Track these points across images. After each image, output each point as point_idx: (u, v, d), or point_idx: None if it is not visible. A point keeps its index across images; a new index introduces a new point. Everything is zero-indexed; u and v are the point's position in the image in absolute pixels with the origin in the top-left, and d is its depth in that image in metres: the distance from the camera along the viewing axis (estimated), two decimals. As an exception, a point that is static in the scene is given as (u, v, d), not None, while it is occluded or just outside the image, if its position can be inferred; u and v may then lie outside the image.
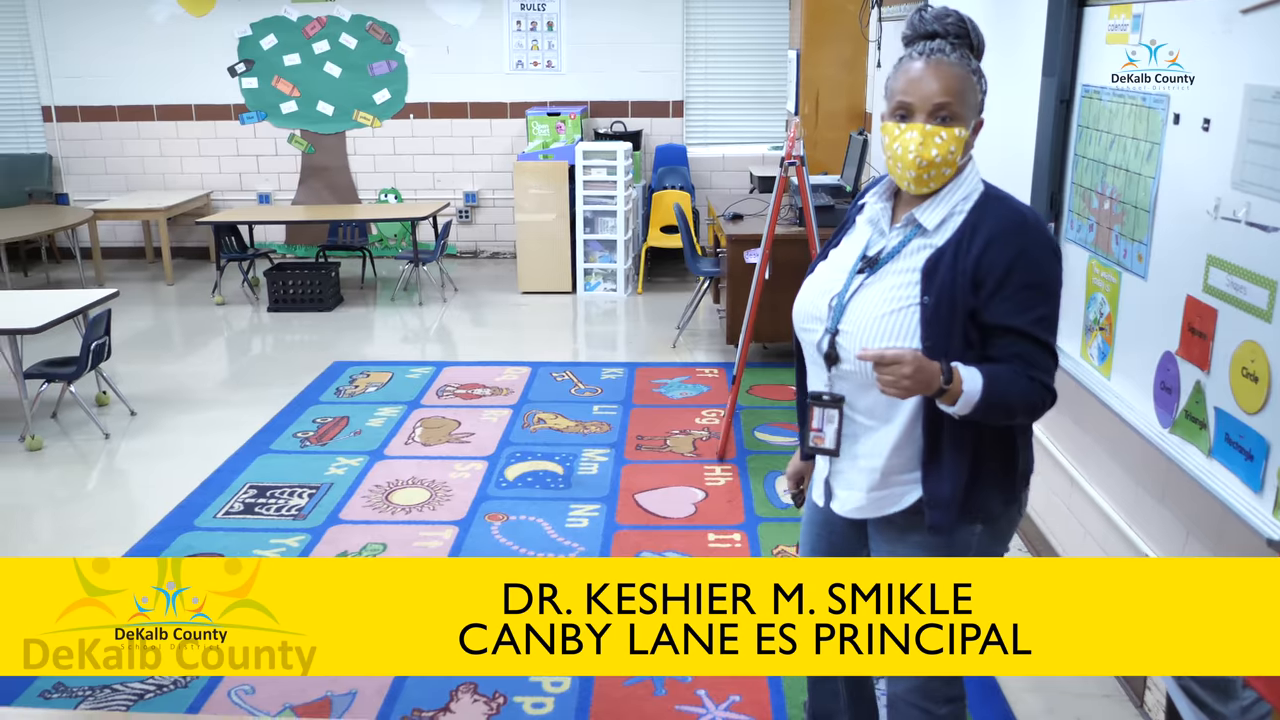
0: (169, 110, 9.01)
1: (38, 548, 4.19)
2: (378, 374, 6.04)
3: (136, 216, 8.54)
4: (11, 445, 5.08)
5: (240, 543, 4.04)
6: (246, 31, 8.81)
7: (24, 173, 9.04)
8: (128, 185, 9.15)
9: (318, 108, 8.92)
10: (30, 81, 9.05)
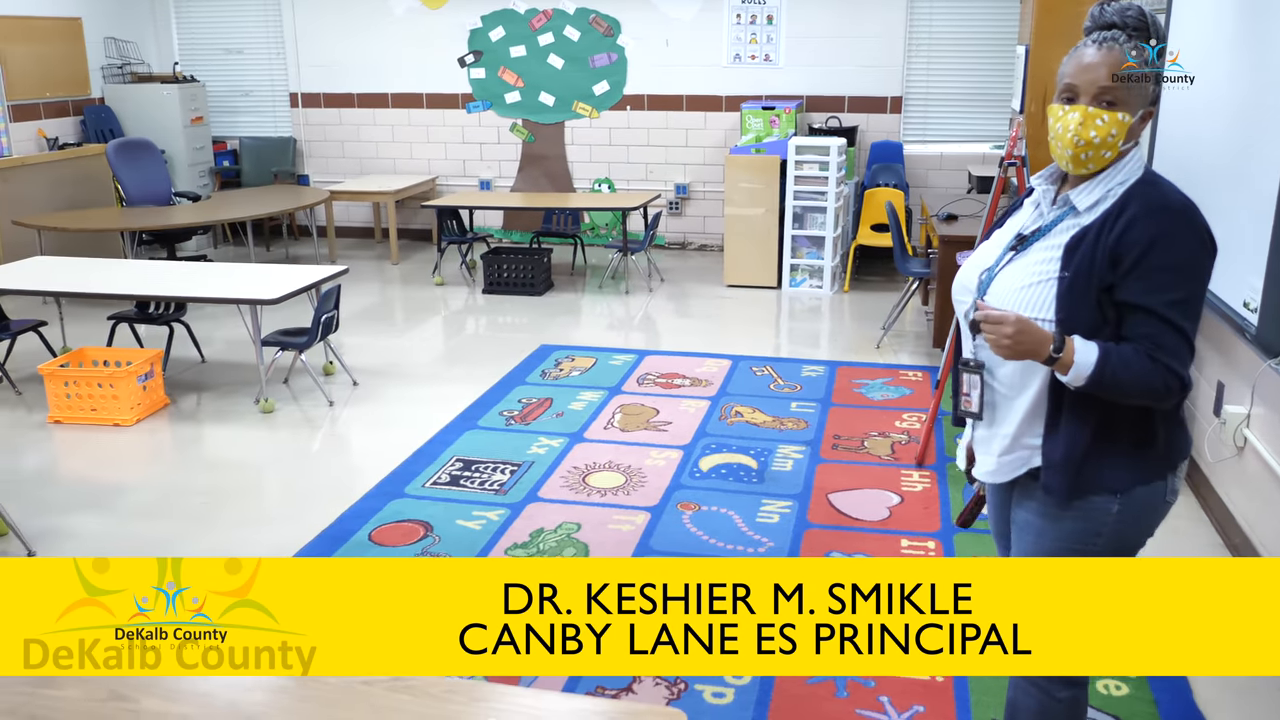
0: (402, 98, 9.50)
1: (267, 502, 4.51)
2: (582, 359, 6.19)
3: (368, 198, 9.06)
4: (248, 406, 5.50)
5: (444, 512, 4.24)
6: (477, 24, 9.19)
7: (272, 155, 9.75)
8: (362, 169, 9.72)
9: (539, 98, 9.21)
10: (281, 70, 9.74)
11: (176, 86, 9.28)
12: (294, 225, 9.91)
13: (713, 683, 3.11)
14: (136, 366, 5.30)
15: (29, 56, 8.55)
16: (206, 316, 6.86)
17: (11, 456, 4.89)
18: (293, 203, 8.15)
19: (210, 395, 5.72)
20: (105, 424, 5.23)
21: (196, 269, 6.01)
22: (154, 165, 8.39)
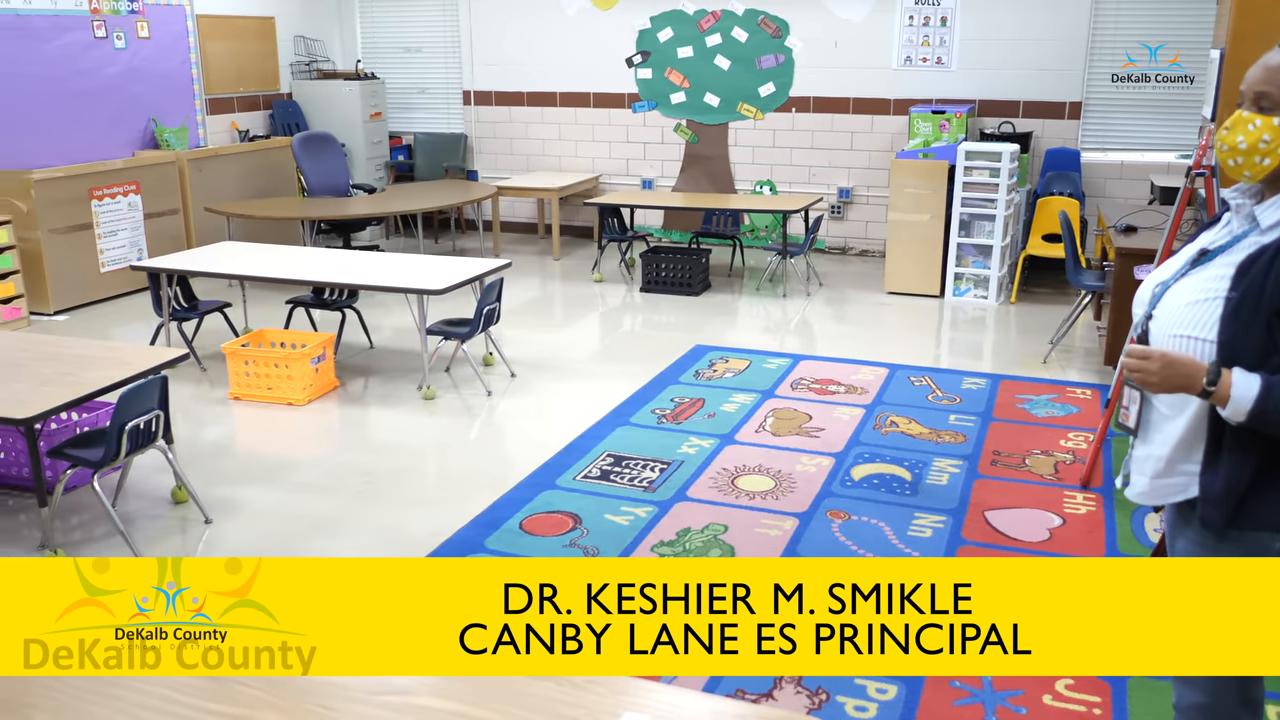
0: (570, 97, 9.67)
1: (425, 486, 4.66)
2: (736, 360, 6.17)
3: (533, 195, 9.26)
4: (410, 392, 5.69)
5: (594, 506, 4.29)
6: (646, 25, 9.26)
7: (444, 150, 10.08)
8: (528, 165, 9.94)
9: (704, 99, 9.22)
10: (456, 68, 10.04)
11: (358, 83, 9.69)
12: (461, 219, 10.22)
13: (856, 694, 3.05)
14: (310, 349, 5.56)
15: (226, 53, 9.08)
16: (376, 304, 7.13)
17: (194, 429, 5.20)
18: (461, 197, 8.40)
19: (376, 380, 5.95)
20: (279, 402, 5.50)
21: (369, 258, 6.26)
22: (334, 158, 8.78)
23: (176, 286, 6.05)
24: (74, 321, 7.08)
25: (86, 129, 7.85)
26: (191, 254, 6.43)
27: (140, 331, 6.60)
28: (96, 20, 7.85)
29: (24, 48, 7.35)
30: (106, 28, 7.93)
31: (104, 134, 7.99)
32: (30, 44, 7.39)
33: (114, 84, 8.03)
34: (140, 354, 4.27)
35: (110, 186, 7.58)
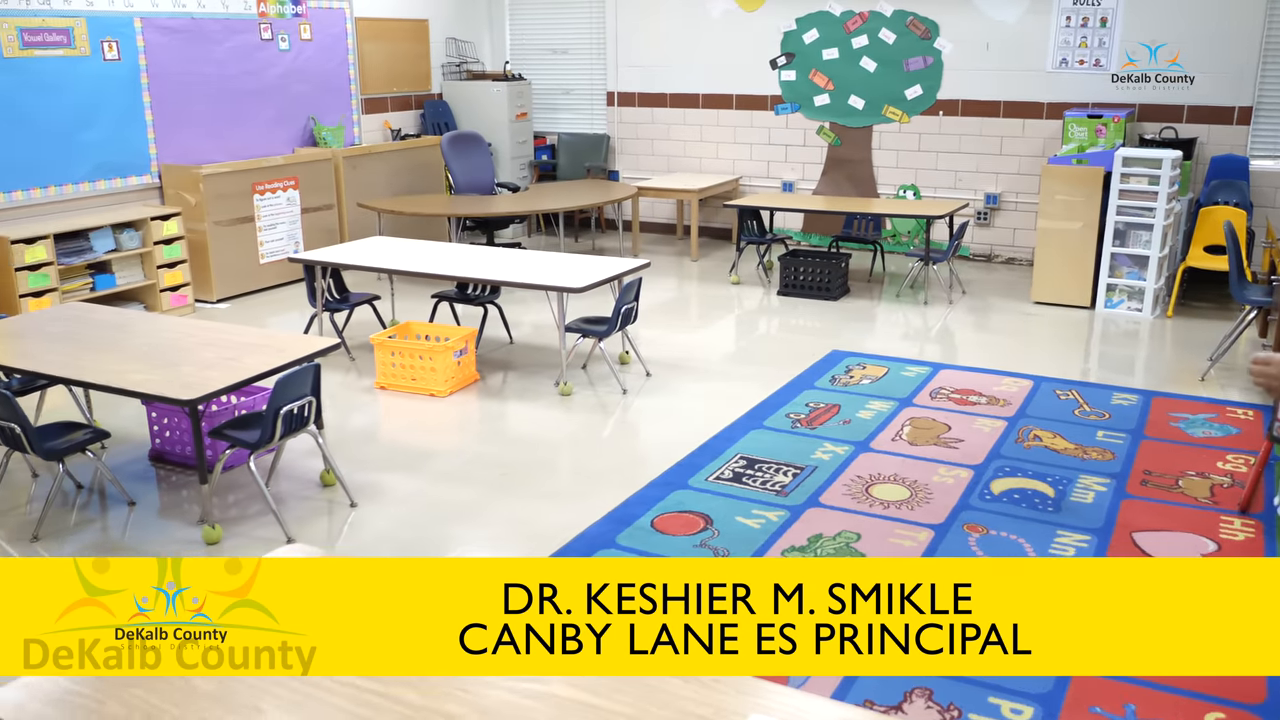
0: (713, 99, 9.67)
1: (559, 480, 4.73)
2: (874, 367, 6.07)
3: (672, 195, 9.30)
4: (548, 388, 5.79)
5: (725, 507, 4.29)
6: (791, 26, 9.20)
7: (586, 150, 10.21)
8: (668, 166, 9.99)
9: (849, 101, 9.11)
10: (601, 70, 10.17)
11: (506, 84, 9.90)
12: (602, 218, 10.34)
13: (989, 713, 2.97)
14: (453, 342, 5.71)
15: (382, 55, 9.40)
16: (517, 300, 7.28)
17: (342, 415, 5.40)
18: (602, 197, 8.50)
19: (515, 374, 6.07)
20: (422, 393, 5.67)
21: (511, 255, 6.39)
22: (481, 157, 9.00)
23: (330, 279, 6.30)
24: (234, 309, 7.44)
25: (251, 127, 8.24)
26: (344, 248, 6.69)
27: (294, 321, 6.89)
28: (263, 23, 8.24)
29: (198, 50, 7.76)
30: (272, 30, 8.31)
31: (267, 132, 8.38)
32: (203, 46, 7.80)
33: (277, 84, 8.41)
34: (295, 342, 4.46)
35: (271, 182, 7.94)
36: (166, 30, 7.53)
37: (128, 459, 4.86)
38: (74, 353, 4.31)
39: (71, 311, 5.01)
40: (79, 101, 7.05)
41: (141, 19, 7.36)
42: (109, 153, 7.28)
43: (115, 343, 4.45)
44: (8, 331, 4.65)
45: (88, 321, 4.80)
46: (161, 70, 7.54)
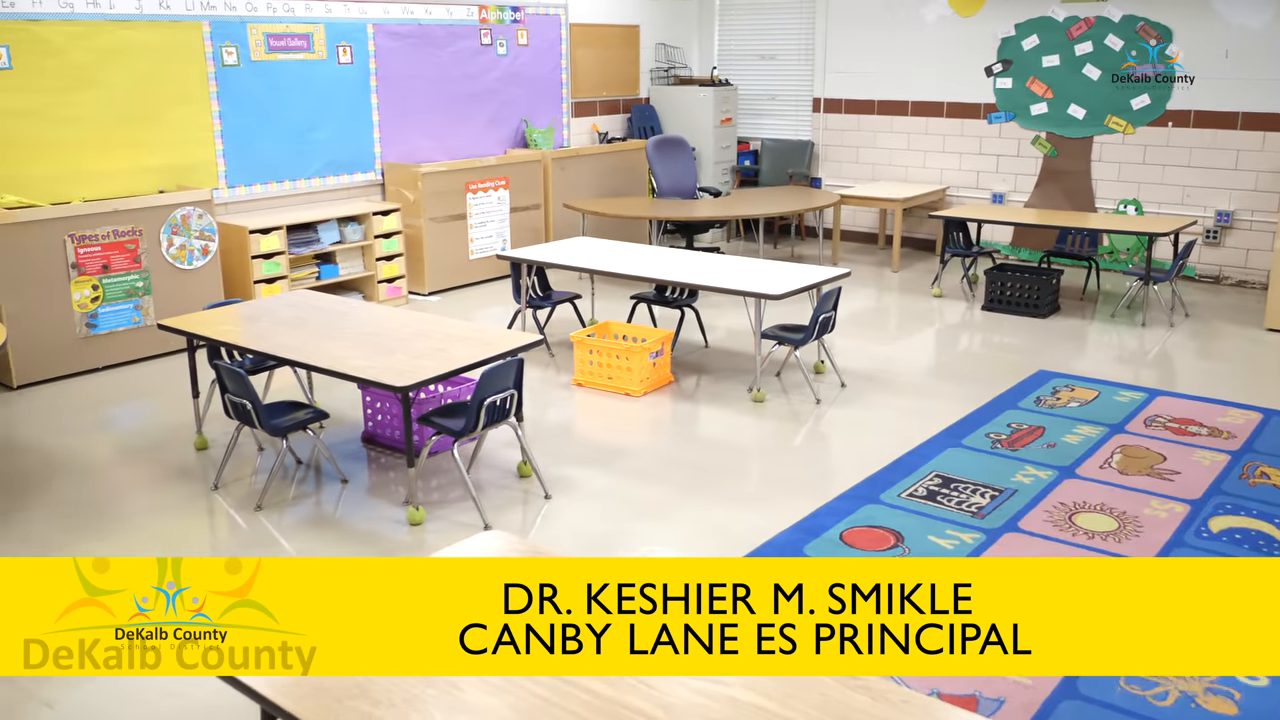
0: (922, 107, 9.45)
1: (747, 485, 4.73)
2: (1083, 390, 5.79)
3: (875, 205, 9.14)
4: (741, 393, 5.80)
5: (917, 525, 4.18)
6: (1009, 32, 8.88)
7: (789, 156, 10.16)
8: (873, 175, 9.82)
9: (1068, 110, 8.71)
10: (807, 76, 10.09)
11: (712, 89, 9.97)
12: (802, 225, 10.26)
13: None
14: (650, 344, 5.80)
15: (593, 59, 9.63)
16: (713, 305, 7.31)
17: (540, 409, 5.57)
18: (803, 204, 8.43)
19: (709, 378, 6.11)
20: (617, 392, 5.78)
21: (710, 259, 6.43)
22: (684, 161, 9.09)
23: (534, 276, 6.51)
24: (443, 302, 7.79)
25: (468, 128, 8.60)
26: (549, 247, 6.89)
27: (499, 315, 7.15)
28: (484, 29, 8.58)
29: (423, 54, 8.17)
30: (492, 35, 8.65)
31: (482, 133, 8.72)
32: (428, 51, 8.20)
33: (494, 87, 8.74)
34: (501, 336, 4.63)
35: (483, 181, 8.27)
36: (395, 36, 7.96)
37: (342, 439, 5.16)
38: (300, 337, 4.62)
39: (299, 298, 5.36)
40: (314, 102, 7.54)
41: (374, 25, 7.80)
42: (338, 150, 7.76)
43: (337, 329, 4.74)
44: (244, 315, 5.02)
45: (313, 308, 5.13)
46: (389, 73, 7.97)
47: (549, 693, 1.96)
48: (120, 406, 5.69)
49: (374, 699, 1.94)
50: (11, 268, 5.76)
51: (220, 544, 4.18)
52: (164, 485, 4.65)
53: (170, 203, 6.40)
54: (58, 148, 6.26)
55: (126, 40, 6.47)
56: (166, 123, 6.75)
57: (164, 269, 6.39)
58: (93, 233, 6.05)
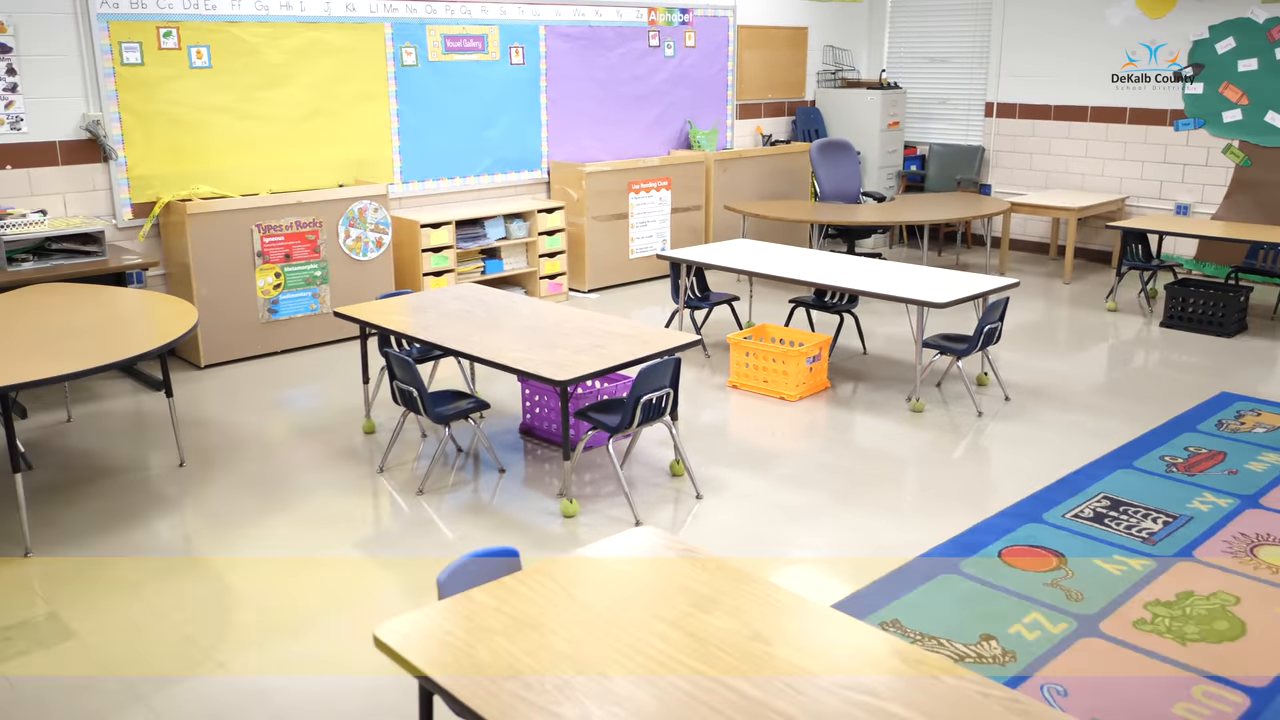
0: (1102, 112, 9.06)
1: (902, 496, 4.63)
2: (1271, 415, 5.45)
3: (1048, 213, 8.80)
4: (898, 402, 5.68)
5: (1082, 547, 4.01)
6: (1203, 34, 8.42)
7: (958, 162, 9.89)
8: (1046, 183, 9.46)
9: (1265, 118, 8.20)
10: (980, 80, 9.81)
11: (880, 92, 9.80)
12: (969, 233, 9.98)
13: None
14: (807, 348, 5.74)
15: (759, 62, 9.60)
16: (873, 311, 7.20)
17: (694, 409, 5.59)
18: (971, 211, 8.19)
19: (866, 386, 6.01)
20: (772, 395, 5.75)
21: (871, 265, 6.32)
22: (849, 165, 8.96)
23: (693, 277, 6.53)
24: (602, 300, 7.90)
25: (632, 129, 8.70)
26: (708, 248, 6.90)
27: (656, 315, 7.21)
28: (652, 31, 8.66)
29: (592, 55, 8.30)
30: (660, 37, 8.73)
31: (646, 134, 8.81)
32: (597, 52, 8.33)
33: (660, 89, 8.82)
34: (659, 335, 4.66)
35: (646, 182, 8.35)
36: (566, 37, 8.11)
37: (500, 430, 5.29)
38: (465, 329, 4.76)
39: (466, 291, 5.52)
40: (486, 101, 7.77)
41: (546, 27, 7.98)
42: (507, 149, 7.97)
43: (501, 323, 4.86)
44: (413, 306, 5.21)
45: (479, 301, 5.28)
46: (559, 74, 8.13)
47: (695, 689, 1.97)
48: (296, 389, 5.99)
49: (527, 682, 1.99)
50: (205, 255, 6.14)
51: (383, 525, 4.35)
52: (333, 465, 4.87)
53: (349, 196, 6.70)
54: (249, 142, 6.64)
55: (315, 41, 6.81)
56: (348, 120, 7.06)
57: (340, 259, 6.69)
58: (277, 223, 6.39)
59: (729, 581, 2.37)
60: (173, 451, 4.96)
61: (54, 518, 4.31)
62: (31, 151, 5.90)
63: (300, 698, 3.12)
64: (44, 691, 3.15)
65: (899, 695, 1.96)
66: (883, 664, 2.06)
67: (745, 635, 2.15)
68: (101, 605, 3.64)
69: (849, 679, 2.01)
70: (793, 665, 2.05)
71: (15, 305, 4.82)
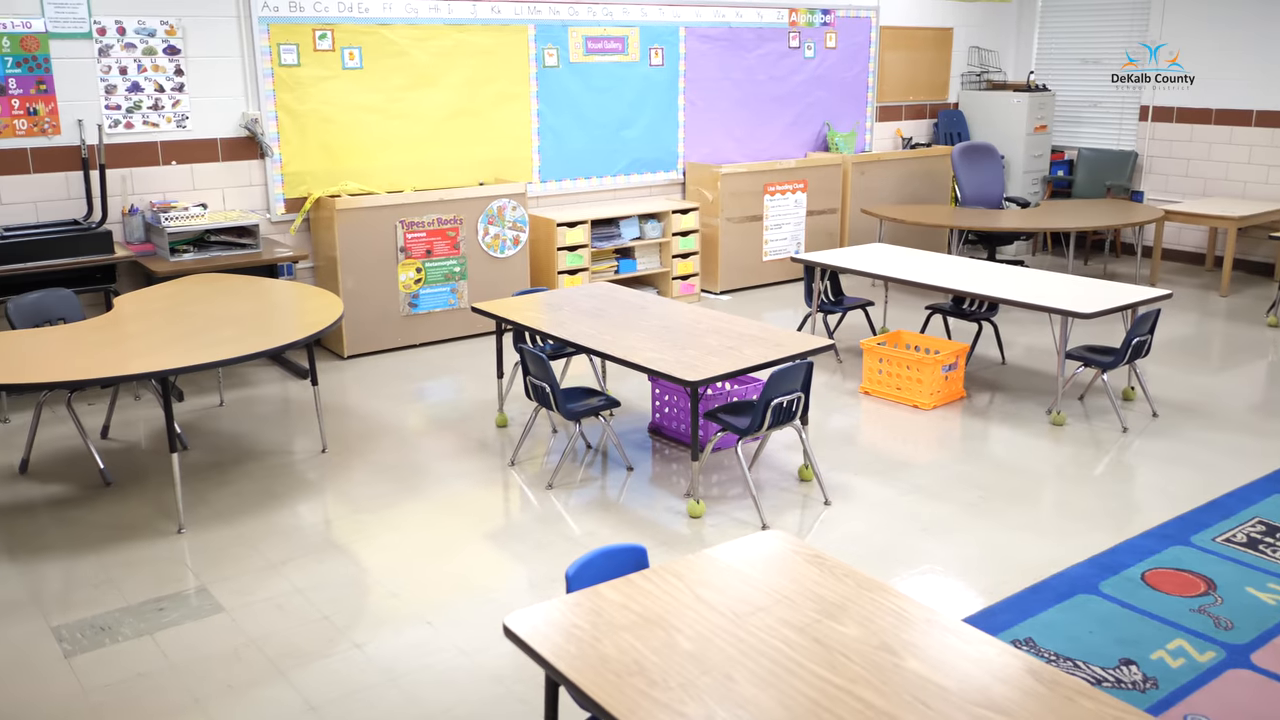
0: (1269, 116, 8.59)
1: (1039, 512, 4.48)
2: None
3: (1205, 222, 8.39)
4: (1038, 415, 5.50)
5: (1233, 574, 3.82)
6: (1383, 35, 7.91)
7: (1108, 168, 9.52)
8: (1204, 190, 9.03)
9: None
10: (1134, 82, 9.40)
11: (1027, 95, 9.50)
12: (1118, 242, 9.60)
13: None
14: (943, 356, 5.61)
15: (901, 63, 9.43)
16: (1013, 320, 6.99)
17: (824, 414, 5.53)
18: (1121, 219, 7.87)
19: (1003, 396, 5.84)
20: (905, 403, 5.64)
21: (1013, 273, 6.14)
22: (992, 169, 8.72)
23: (827, 281, 6.46)
24: (734, 302, 7.88)
25: (769, 130, 8.66)
26: (843, 252, 6.81)
27: (787, 318, 7.15)
28: (793, 32, 8.60)
29: (731, 57, 8.29)
30: (800, 38, 8.66)
31: (783, 135, 8.75)
32: (736, 53, 8.32)
33: (799, 90, 8.75)
34: (791, 338, 4.63)
35: (781, 184, 8.29)
36: (706, 38, 8.12)
37: (629, 428, 5.34)
38: (598, 327, 4.81)
39: (600, 289, 5.58)
40: (625, 102, 7.83)
41: (685, 28, 8.00)
42: (644, 149, 8.02)
43: (634, 322, 4.90)
44: (548, 303, 5.30)
45: (612, 300, 5.33)
46: (698, 75, 8.15)
47: (820, 696, 1.95)
48: (433, 381, 6.16)
49: (651, 679, 2.00)
50: (352, 249, 6.36)
51: (513, 517, 4.43)
52: (466, 456, 4.99)
53: (488, 194, 6.85)
54: (395, 141, 6.85)
55: (461, 42, 6.98)
56: (490, 119, 7.22)
57: (478, 256, 6.85)
58: (419, 220, 6.57)
59: (858, 589, 2.34)
60: (316, 438, 5.16)
61: (206, 496, 4.54)
62: (195, 148, 6.21)
63: (431, 682, 3.20)
64: (193, 661, 3.32)
65: (1033, 716, 1.90)
66: (1016, 682, 2.00)
67: (873, 645, 2.12)
68: (247, 582, 3.81)
69: (980, 695, 1.96)
70: (922, 678, 2.01)
71: (175, 294, 5.08)
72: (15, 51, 5.58)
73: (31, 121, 5.69)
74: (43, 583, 3.81)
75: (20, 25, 5.57)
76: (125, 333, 4.46)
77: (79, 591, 3.74)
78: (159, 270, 5.61)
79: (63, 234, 5.53)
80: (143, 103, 5.99)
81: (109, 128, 5.90)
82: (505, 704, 3.09)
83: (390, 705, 3.09)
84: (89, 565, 3.93)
